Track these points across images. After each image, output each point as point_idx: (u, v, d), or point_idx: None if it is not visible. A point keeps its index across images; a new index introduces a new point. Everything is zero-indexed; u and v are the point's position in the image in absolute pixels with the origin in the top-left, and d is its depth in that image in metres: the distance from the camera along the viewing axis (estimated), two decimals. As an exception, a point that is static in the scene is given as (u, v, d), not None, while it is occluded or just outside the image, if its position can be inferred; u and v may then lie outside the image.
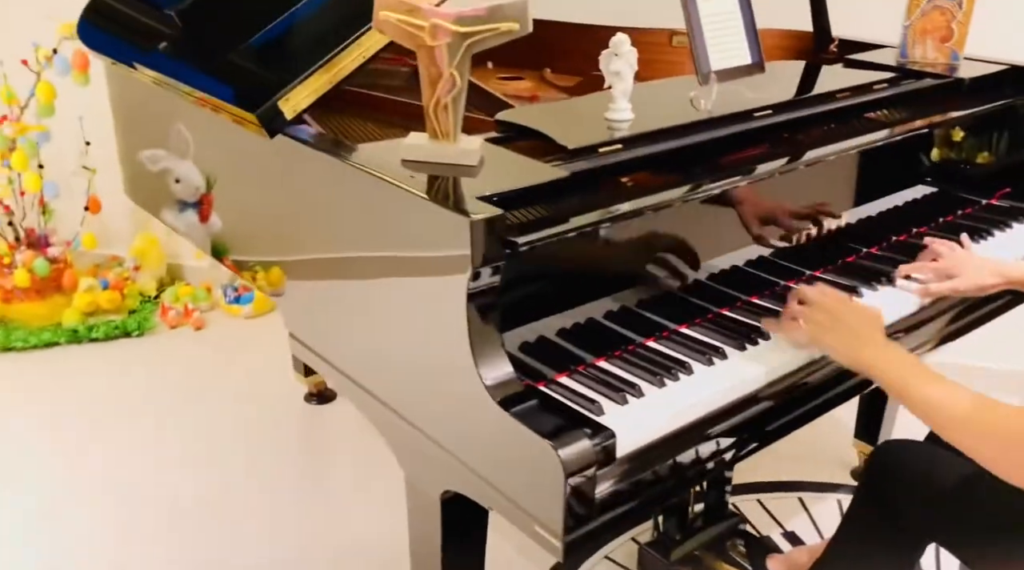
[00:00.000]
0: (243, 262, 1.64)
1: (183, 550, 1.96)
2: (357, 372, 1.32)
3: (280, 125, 1.25)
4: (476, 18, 1.14)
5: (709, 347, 1.26)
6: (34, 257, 2.80)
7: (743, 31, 1.55)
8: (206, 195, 1.72)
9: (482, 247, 1.02)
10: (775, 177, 1.41)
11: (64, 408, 2.49)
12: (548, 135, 1.31)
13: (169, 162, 1.85)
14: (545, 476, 1.00)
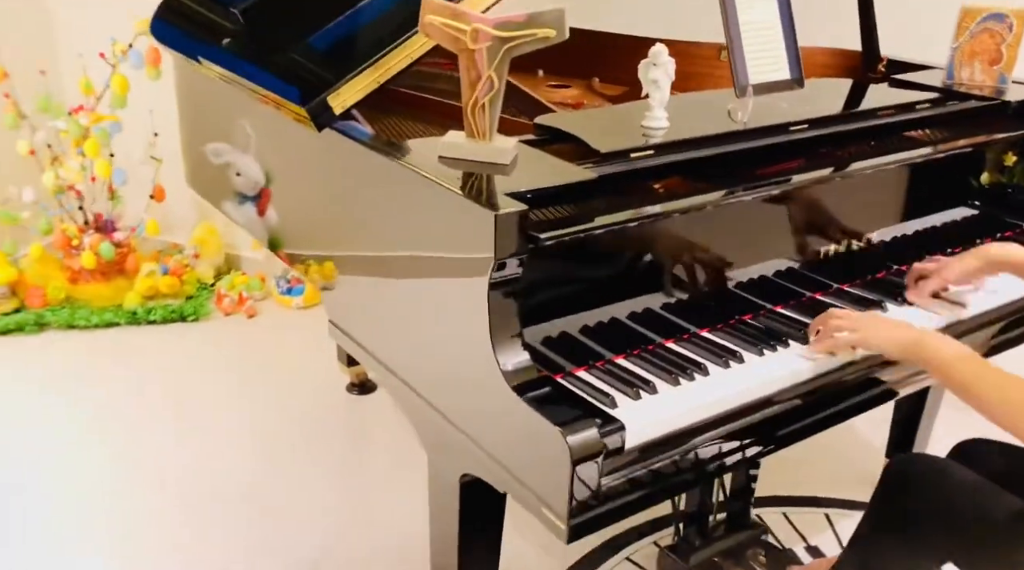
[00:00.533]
0: (297, 255, 1.71)
1: (226, 530, 2.05)
2: (388, 357, 1.38)
3: (328, 119, 1.33)
4: (515, 24, 1.20)
5: (727, 351, 1.29)
6: (101, 240, 2.94)
7: (783, 46, 1.58)
8: (265, 189, 1.80)
9: (505, 240, 1.07)
10: (806, 189, 1.44)
11: (119, 387, 2.61)
12: (582, 139, 1.37)
13: (231, 156, 1.93)
14: (553, 461, 1.05)
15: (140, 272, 3.00)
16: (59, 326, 2.90)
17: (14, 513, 2.09)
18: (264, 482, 2.21)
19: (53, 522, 2.06)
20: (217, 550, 1.98)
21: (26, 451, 2.31)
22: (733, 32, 1.51)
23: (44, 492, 2.16)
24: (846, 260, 1.54)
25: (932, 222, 1.73)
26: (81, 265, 2.94)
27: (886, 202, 1.60)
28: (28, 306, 2.92)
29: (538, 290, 1.22)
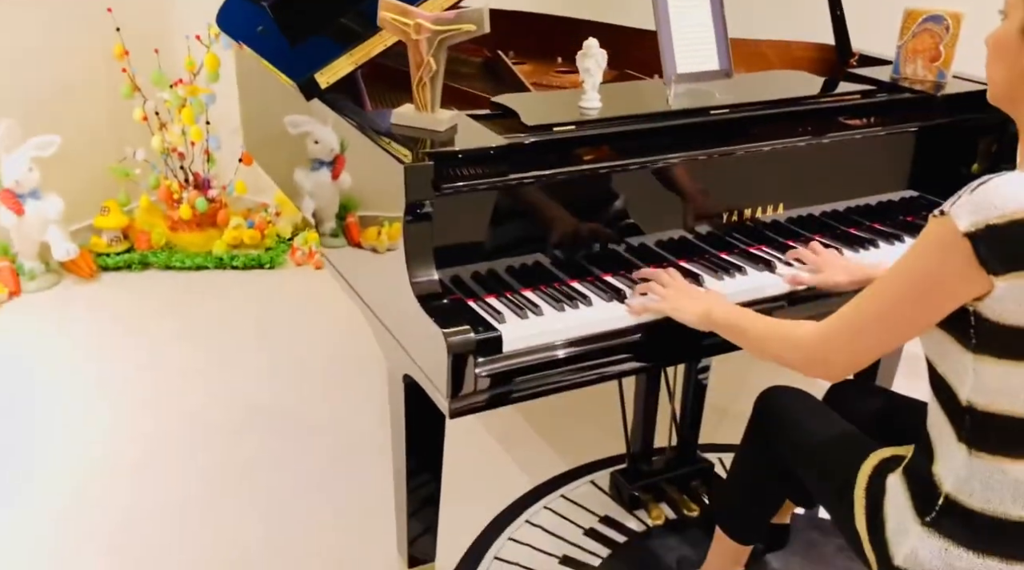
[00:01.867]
0: (367, 217, 1.85)
1: (284, 457, 2.46)
2: (357, 284, 1.75)
3: (316, 92, 1.70)
4: (447, 19, 1.53)
5: (615, 290, 1.59)
6: (197, 196, 3.45)
7: (713, 38, 1.84)
8: (340, 156, 2.00)
9: (414, 187, 1.41)
10: (708, 162, 1.70)
11: (204, 319, 3.11)
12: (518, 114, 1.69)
13: (310, 126, 2.31)
14: (439, 355, 1.38)
15: (229, 225, 3.50)
16: (159, 266, 3.43)
17: (111, 409, 2.59)
18: (313, 405, 2.63)
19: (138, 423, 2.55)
20: (266, 465, 2.41)
21: (125, 365, 2.83)
22: (663, 24, 1.78)
23: (136, 395, 2.66)
24: (750, 228, 1.80)
25: (867, 201, 1.96)
26: (180, 216, 3.45)
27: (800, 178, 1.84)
28: (136, 248, 3.46)
29: (473, 233, 1.56)
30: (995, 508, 1.19)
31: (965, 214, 1.09)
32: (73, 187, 3.32)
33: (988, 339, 1.14)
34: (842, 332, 1.25)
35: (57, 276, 3.30)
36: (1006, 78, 1.21)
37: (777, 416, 1.60)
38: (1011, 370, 1.14)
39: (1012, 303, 1.10)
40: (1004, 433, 1.18)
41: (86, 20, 3.33)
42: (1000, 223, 1.08)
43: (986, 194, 1.09)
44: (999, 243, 1.08)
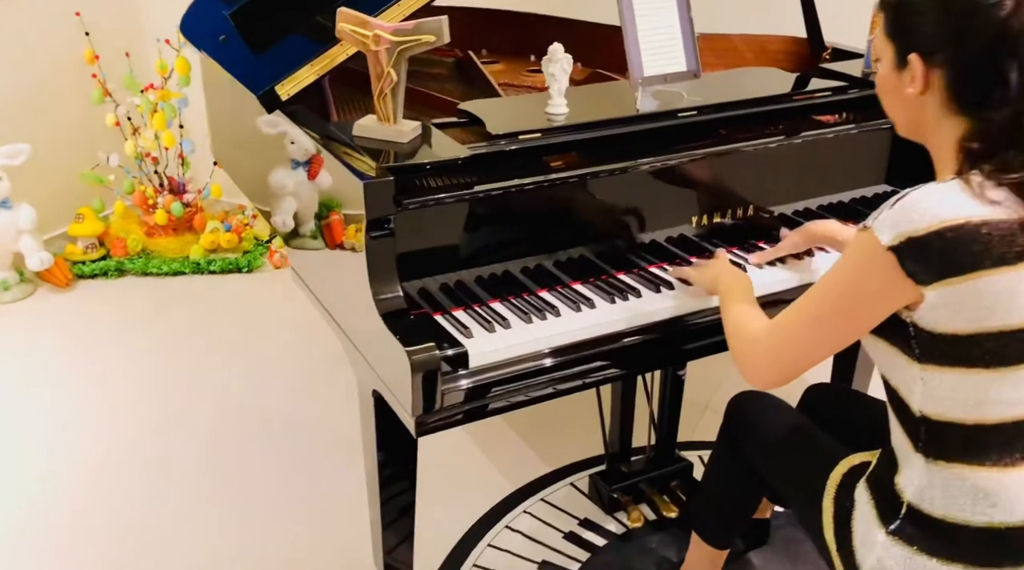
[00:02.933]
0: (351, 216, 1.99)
1: (265, 459, 2.44)
2: (321, 294, 1.73)
3: (277, 103, 1.68)
4: (407, 30, 1.50)
5: (584, 298, 1.58)
6: (172, 201, 3.41)
7: (681, 40, 1.82)
8: (316, 155, 2.11)
9: (374, 203, 1.40)
10: (677, 166, 1.69)
11: (182, 324, 3.09)
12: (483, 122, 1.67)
13: (287, 126, 2.29)
14: (404, 372, 1.36)
15: (206, 229, 3.47)
16: (136, 273, 3.40)
17: (90, 417, 2.57)
18: (294, 407, 2.62)
19: (116, 429, 2.53)
20: (259, 476, 2.39)
21: (103, 373, 2.80)
22: (628, 26, 1.76)
23: (114, 403, 2.64)
24: (727, 227, 1.79)
25: (840, 198, 1.95)
26: (155, 221, 3.42)
27: (766, 179, 1.82)
28: (112, 255, 3.43)
29: (439, 245, 1.54)
30: (956, 515, 1.19)
31: (887, 228, 1.12)
32: (45, 195, 3.28)
33: (929, 349, 1.15)
34: (771, 336, 1.27)
35: (32, 286, 3.27)
36: (902, 113, 1.25)
37: (748, 421, 1.59)
38: (958, 378, 1.15)
39: (944, 311, 1.12)
40: (958, 441, 1.18)
41: (54, 25, 3.28)
42: (921, 235, 1.10)
43: (905, 208, 1.12)
44: (923, 254, 1.10)
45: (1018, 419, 1.16)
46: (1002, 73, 1.11)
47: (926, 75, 1.17)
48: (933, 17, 1.15)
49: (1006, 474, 1.17)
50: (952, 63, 1.15)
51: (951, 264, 1.09)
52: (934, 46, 1.15)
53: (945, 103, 1.17)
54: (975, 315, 1.11)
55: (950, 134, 1.18)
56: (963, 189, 1.12)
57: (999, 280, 1.09)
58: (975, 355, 1.13)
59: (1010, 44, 1.11)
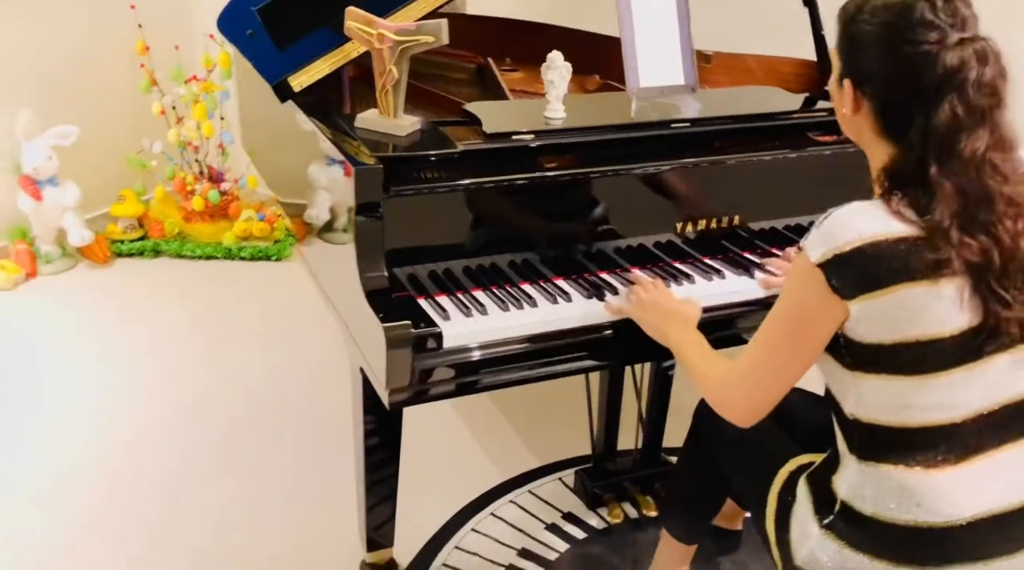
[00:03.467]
0: None
1: (278, 442, 2.56)
2: (320, 277, 1.84)
3: (289, 94, 1.79)
4: (408, 31, 1.61)
5: (562, 292, 1.66)
6: (210, 189, 3.57)
7: (680, 55, 1.90)
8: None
9: (364, 188, 1.50)
10: (665, 173, 1.76)
11: (209, 305, 3.24)
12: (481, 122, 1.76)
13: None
14: (380, 346, 1.46)
15: (240, 217, 3.62)
16: (171, 254, 3.57)
17: (116, 389, 2.72)
18: (310, 392, 2.73)
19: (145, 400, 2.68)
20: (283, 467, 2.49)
21: (133, 347, 2.96)
22: (627, 38, 1.84)
23: (144, 375, 2.79)
24: (709, 237, 1.85)
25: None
26: (193, 207, 3.58)
27: (759, 192, 1.89)
28: (149, 236, 3.60)
29: (430, 234, 1.64)
30: (883, 514, 1.24)
31: (815, 246, 1.19)
32: (91, 175, 3.46)
33: (858, 358, 1.22)
34: (738, 373, 1.33)
35: (73, 260, 3.45)
36: (843, 122, 1.32)
37: (713, 422, 1.64)
38: (883, 384, 1.21)
39: (867, 324, 1.18)
40: (886, 442, 1.24)
41: (109, 16, 3.47)
42: (845, 251, 1.16)
43: (831, 225, 1.18)
44: (846, 270, 1.16)
45: (939, 423, 1.21)
46: (911, 119, 1.17)
47: (856, 100, 1.24)
48: (867, 52, 1.21)
49: (930, 475, 1.22)
50: (877, 98, 1.22)
51: (870, 279, 1.15)
52: (865, 77, 1.23)
53: (873, 128, 1.24)
54: (895, 326, 1.17)
55: (880, 153, 1.25)
56: (884, 208, 1.18)
57: (912, 293, 1.15)
58: (897, 363, 1.19)
59: (922, 93, 1.16)
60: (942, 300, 1.16)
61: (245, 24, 2.14)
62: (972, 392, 1.21)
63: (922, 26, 1.15)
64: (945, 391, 1.20)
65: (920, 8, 1.16)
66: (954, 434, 1.22)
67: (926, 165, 1.16)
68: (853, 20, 1.23)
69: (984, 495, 1.24)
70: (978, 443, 1.24)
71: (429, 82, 2.20)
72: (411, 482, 1.95)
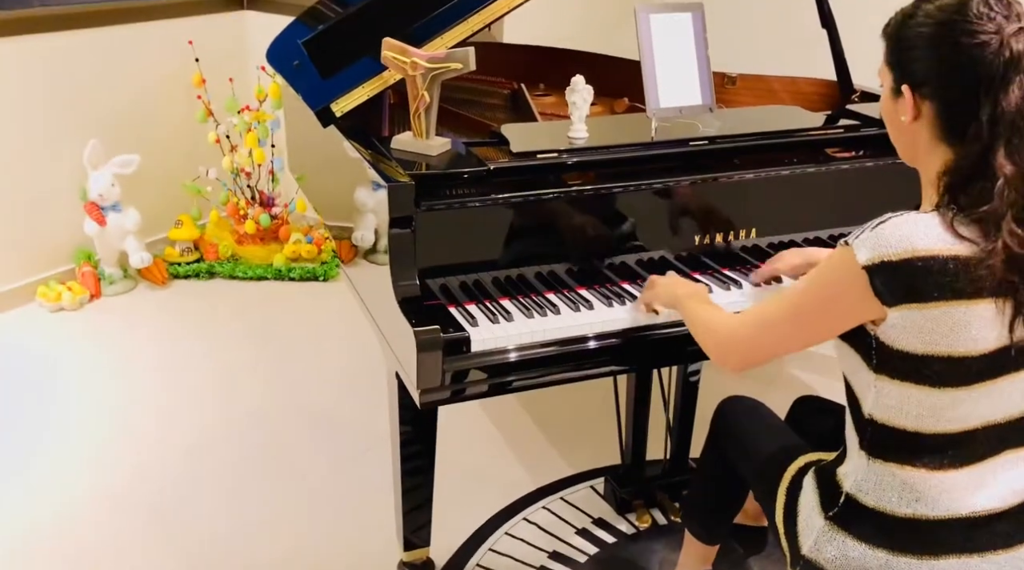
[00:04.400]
0: None
1: (316, 454, 2.71)
2: (360, 290, 1.97)
3: (331, 119, 1.93)
4: (439, 58, 1.74)
5: (584, 300, 1.76)
6: (261, 213, 3.75)
7: (697, 77, 2.00)
8: None
9: (398, 203, 1.62)
10: (684, 188, 1.86)
11: (262, 324, 3.40)
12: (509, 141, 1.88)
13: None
14: (411, 349, 1.57)
15: (289, 240, 3.79)
16: (225, 276, 3.74)
17: (174, 403, 2.89)
18: (352, 408, 2.84)
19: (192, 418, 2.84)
20: (323, 480, 2.65)
21: (189, 364, 3.13)
22: (647, 61, 1.95)
23: (201, 389, 2.95)
24: (721, 251, 1.93)
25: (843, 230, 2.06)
26: (245, 231, 3.76)
27: (774, 208, 1.97)
28: (205, 258, 3.79)
29: (461, 247, 1.76)
30: (885, 506, 1.31)
31: (865, 248, 1.23)
32: (151, 202, 3.66)
33: (885, 361, 1.27)
34: (749, 326, 1.40)
35: (133, 282, 3.64)
36: (900, 138, 1.35)
37: (731, 422, 1.73)
38: (906, 390, 1.26)
39: (902, 331, 1.23)
40: (897, 443, 1.30)
41: (169, 51, 3.69)
42: (894, 260, 1.20)
43: (884, 232, 1.22)
44: (892, 278, 1.21)
45: (952, 432, 1.27)
46: (977, 109, 1.21)
47: (916, 105, 1.28)
48: (923, 53, 1.25)
49: (933, 475, 1.28)
50: (938, 97, 1.25)
51: (916, 291, 1.20)
52: (923, 79, 1.26)
53: (934, 133, 1.28)
54: (928, 339, 1.22)
55: (935, 163, 1.28)
56: (939, 222, 1.22)
57: (955, 312, 1.20)
58: (923, 373, 1.24)
59: (987, 82, 1.20)
60: (981, 320, 1.20)
61: (292, 56, 2.31)
62: (987, 405, 1.27)
63: (978, 19, 1.20)
64: (964, 404, 1.25)
65: (975, 4, 1.21)
66: (963, 442, 1.28)
67: (990, 154, 1.20)
68: (904, 27, 1.28)
69: (983, 493, 1.30)
70: (984, 450, 1.29)
71: (465, 107, 2.33)
72: (449, 486, 2.05)
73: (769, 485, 1.52)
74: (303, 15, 2.68)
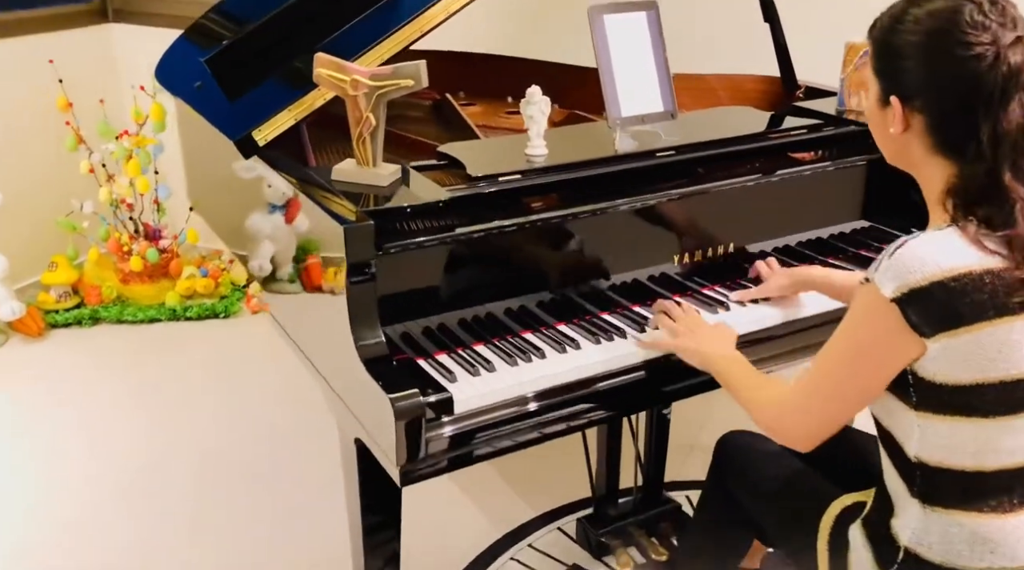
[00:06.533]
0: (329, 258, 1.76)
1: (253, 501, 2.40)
2: (299, 339, 1.71)
3: (254, 149, 1.66)
4: (384, 75, 1.50)
5: (568, 339, 1.56)
6: (148, 247, 3.38)
7: (657, 81, 1.83)
8: (293, 199, 2.08)
9: (355, 248, 1.38)
10: (657, 205, 1.69)
11: (158, 373, 3.03)
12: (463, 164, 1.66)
13: (262, 170, 2.28)
14: (388, 419, 1.34)
15: (182, 275, 3.43)
16: (111, 320, 3.35)
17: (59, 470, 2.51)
18: (276, 453, 2.58)
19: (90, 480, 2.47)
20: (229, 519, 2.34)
21: (79, 423, 2.74)
22: (605, 68, 1.77)
23: (91, 453, 2.58)
24: (708, 267, 1.78)
25: (819, 234, 1.95)
26: (131, 268, 3.38)
27: (751, 216, 1.83)
28: (86, 303, 3.38)
29: (421, 288, 1.53)
30: (954, 561, 1.17)
31: (887, 280, 1.10)
32: (18, 244, 3.24)
33: (928, 397, 1.14)
34: (798, 409, 1.26)
35: (3, 336, 3.21)
36: (889, 146, 1.25)
37: (736, 461, 1.57)
38: (957, 426, 1.13)
39: (945, 363, 1.10)
40: (956, 487, 1.16)
41: (25, 71, 3.27)
42: (922, 286, 1.08)
43: (904, 258, 1.10)
44: (924, 306, 1.09)
45: (1018, 466, 1.14)
46: (976, 127, 1.11)
47: (906, 117, 1.17)
48: (913, 63, 1.15)
49: (1005, 520, 1.15)
50: (929, 110, 1.15)
51: (953, 315, 1.08)
52: (913, 91, 1.16)
53: (927, 145, 1.17)
54: (976, 365, 1.09)
55: (937, 173, 1.18)
56: (960, 236, 1.10)
57: (1001, 330, 1.08)
58: (975, 404, 1.11)
59: (985, 99, 1.10)
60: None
61: (191, 76, 2.01)
62: None
63: (973, 28, 1.09)
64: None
65: (968, 11, 1.10)
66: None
67: (998, 174, 1.10)
68: (892, 33, 1.16)
69: None
70: None
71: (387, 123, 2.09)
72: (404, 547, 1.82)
73: (802, 539, 1.37)
74: (190, 31, 2.36)
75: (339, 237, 1.38)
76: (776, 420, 1.29)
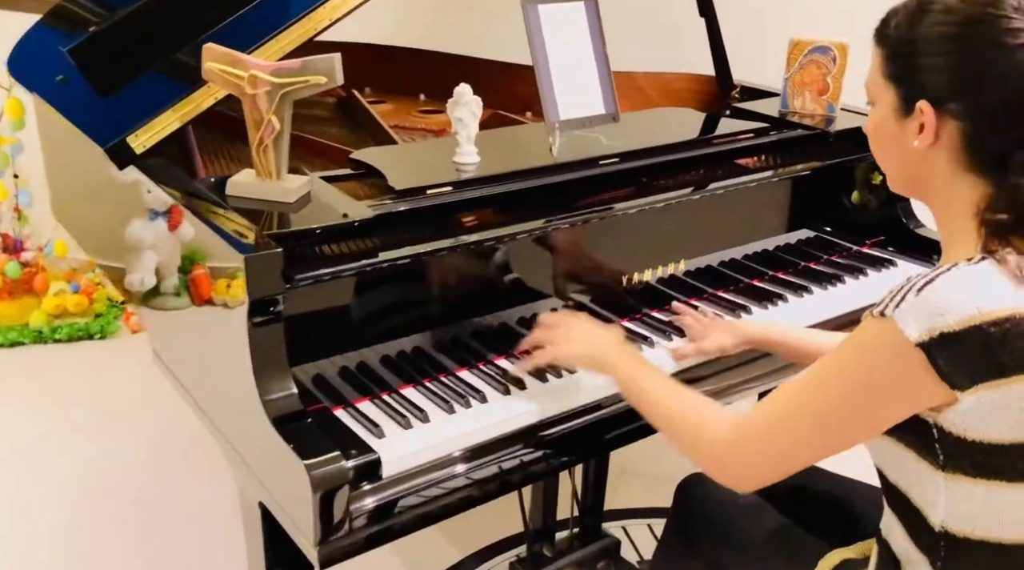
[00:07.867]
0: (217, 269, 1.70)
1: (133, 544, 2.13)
2: (191, 385, 1.44)
3: (130, 159, 1.39)
4: (290, 70, 1.26)
5: (512, 379, 1.35)
6: (7, 261, 2.99)
7: (598, 82, 1.65)
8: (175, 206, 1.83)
9: (258, 281, 1.13)
10: (599, 220, 1.50)
11: (20, 403, 2.66)
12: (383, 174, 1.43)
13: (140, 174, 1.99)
14: (302, 490, 1.10)
15: (49, 291, 3.05)
16: (-35, 346, 2.95)
17: None
18: (157, 484, 2.33)
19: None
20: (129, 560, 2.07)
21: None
22: (542, 67, 1.57)
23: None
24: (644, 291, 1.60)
25: (764, 246, 1.80)
26: (-13, 285, 2.99)
27: (695, 230, 1.66)
28: (-65, 326, 2.97)
29: (336, 322, 1.29)
30: None
31: (913, 320, 0.92)
32: None
33: (958, 457, 0.97)
34: (760, 437, 1.05)
35: None
36: (900, 167, 1.08)
37: (702, 513, 1.39)
38: (995, 491, 0.97)
39: (979, 417, 0.94)
40: (986, 561, 1.00)
41: None
42: (956, 330, 0.91)
43: (935, 297, 0.93)
44: (959, 353, 0.92)
45: None
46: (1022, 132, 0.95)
47: (937, 127, 1.00)
48: (946, 60, 0.97)
49: None
50: (969, 115, 0.97)
51: (994, 365, 0.91)
52: (949, 93, 0.98)
53: (958, 160, 1.00)
54: (1019, 422, 0.93)
55: (963, 196, 1.00)
56: (1001, 272, 0.94)
57: None
58: (1018, 468, 0.96)
59: None
60: None
61: (51, 68, 1.71)
62: None
63: (1018, 12, 0.93)
64: None
65: None
66: None
67: None
68: (915, 27, 0.99)
69: None
70: None
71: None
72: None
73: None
74: (50, 16, 2.02)
75: (239, 264, 1.13)
76: (719, 453, 1.09)
